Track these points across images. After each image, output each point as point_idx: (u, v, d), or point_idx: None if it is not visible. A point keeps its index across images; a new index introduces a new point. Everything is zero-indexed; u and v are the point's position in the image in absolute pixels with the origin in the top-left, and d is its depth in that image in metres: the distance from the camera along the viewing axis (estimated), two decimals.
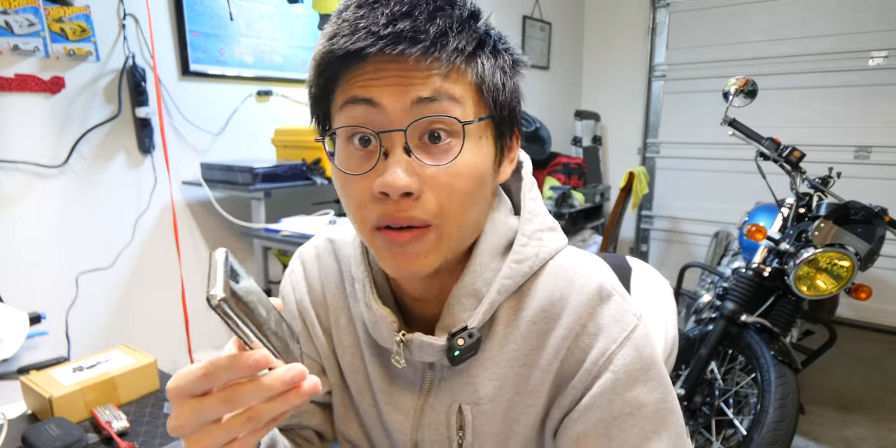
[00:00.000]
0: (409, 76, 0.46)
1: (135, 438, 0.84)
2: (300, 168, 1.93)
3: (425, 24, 0.45)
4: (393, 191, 0.46)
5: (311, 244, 0.69)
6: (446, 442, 0.58)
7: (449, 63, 0.46)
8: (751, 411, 1.70)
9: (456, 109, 0.47)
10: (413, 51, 0.45)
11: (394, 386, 0.60)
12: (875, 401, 2.42)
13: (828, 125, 3.27)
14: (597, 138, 3.99)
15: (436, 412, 0.58)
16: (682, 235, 3.95)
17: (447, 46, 0.46)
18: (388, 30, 0.45)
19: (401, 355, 0.55)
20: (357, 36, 0.45)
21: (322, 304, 0.65)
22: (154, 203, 1.90)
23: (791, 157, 1.83)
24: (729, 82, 1.89)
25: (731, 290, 1.81)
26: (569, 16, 3.88)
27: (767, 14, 3.35)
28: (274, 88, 2.20)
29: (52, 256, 1.69)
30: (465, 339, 0.52)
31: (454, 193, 0.48)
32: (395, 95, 0.46)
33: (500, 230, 0.56)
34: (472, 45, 0.48)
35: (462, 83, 0.48)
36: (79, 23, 1.64)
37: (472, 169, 0.49)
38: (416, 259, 0.49)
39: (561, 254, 0.58)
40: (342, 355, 0.64)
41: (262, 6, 2.10)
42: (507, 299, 0.55)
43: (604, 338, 0.53)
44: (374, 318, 0.56)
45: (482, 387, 0.56)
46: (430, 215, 0.48)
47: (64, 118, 1.67)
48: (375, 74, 0.46)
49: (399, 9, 0.45)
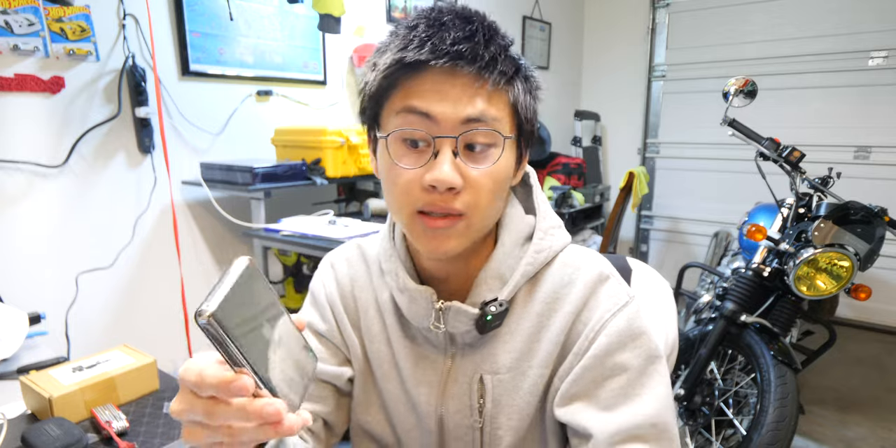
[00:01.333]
0: (460, 95, 0.55)
1: (134, 438, 0.85)
2: (300, 168, 1.93)
3: (482, 49, 0.55)
4: (441, 185, 0.55)
5: (340, 249, 0.79)
6: (468, 410, 0.66)
7: (494, 84, 0.56)
8: (750, 411, 1.70)
9: (496, 125, 0.57)
10: (470, 69, 0.55)
11: (419, 365, 0.68)
12: (875, 401, 2.42)
13: (827, 125, 3.27)
14: (596, 138, 3.99)
15: (459, 383, 0.66)
16: (682, 235, 3.95)
17: (496, 69, 0.56)
18: (454, 48, 0.54)
19: (440, 321, 0.63)
20: (425, 49, 0.54)
21: (351, 298, 0.74)
22: (154, 203, 1.90)
23: (791, 157, 1.83)
24: (729, 82, 1.89)
25: (730, 291, 1.81)
26: (569, 16, 3.88)
27: (767, 14, 3.35)
28: (274, 88, 2.20)
29: (52, 256, 1.69)
30: (497, 307, 0.62)
31: (485, 191, 0.58)
32: (448, 112, 0.55)
33: (520, 225, 0.66)
34: (512, 71, 0.58)
35: (501, 103, 0.58)
36: (78, 23, 1.64)
37: (501, 172, 0.59)
38: (448, 241, 0.59)
39: (567, 248, 0.68)
40: (370, 343, 0.72)
41: (262, 6, 2.10)
42: (525, 284, 0.65)
43: (600, 309, 0.62)
44: (410, 298, 0.64)
45: (501, 358, 0.65)
46: (465, 207, 0.57)
47: (64, 118, 1.67)
48: (433, 87, 0.56)
49: (462, 33, 0.55)
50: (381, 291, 0.71)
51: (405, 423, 0.70)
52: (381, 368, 0.71)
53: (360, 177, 2.12)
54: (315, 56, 2.31)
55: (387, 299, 0.70)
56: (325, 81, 2.37)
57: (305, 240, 1.74)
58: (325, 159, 1.98)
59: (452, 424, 0.67)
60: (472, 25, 0.56)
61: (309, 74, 2.30)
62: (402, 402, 0.70)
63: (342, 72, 2.44)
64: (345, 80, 2.46)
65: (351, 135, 2.01)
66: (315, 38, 2.29)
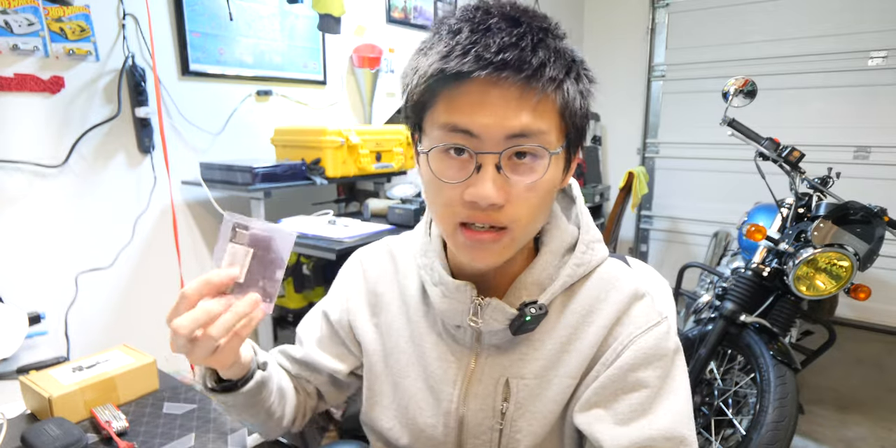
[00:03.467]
0: (505, 107, 0.53)
1: (134, 438, 0.85)
2: (300, 168, 1.93)
3: (530, 56, 0.52)
4: (484, 201, 0.54)
5: (370, 247, 0.81)
6: (490, 411, 0.66)
7: (542, 92, 0.53)
8: (750, 411, 1.70)
9: (537, 140, 0.54)
10: (516, 80, 0.51)
11: (443, 361, 0.69)
12: (875, 401, 2.42)
13: (827, 125, 3.27)
14: (596, 138, 3.99)
15: (483, 384, 0.67)
16: (682, 235, 3.95)
17: (544, 77, 0.52)
18: (498, 57, 0.51)
19: (478, 315, 0.63)
20: (468, 58, 0.51)
21: (374, 294, 0.76)
22: (154, 203, 1.90)
23: (790, 157, 1.83)
24: (728, 82, 1.89)
25: (730, 290, 1.81)
26: (569, 16, 3.88)
27: (767, 14, 3.35)
28: (274, 88, 2.20)
29: (52, 256, 1.69)
30: (536, 310, 0.62)
31: (530, 204, 0.57)
32: (492, 127, 0.53)
33: (564, 235, 0.66)
34: (562, 74, 0.54)
35: (549, 113, 0.55)
36: (78, 22, 1.64)
37: (549, 184, 0.57)
38: (492, 255, 0.59)
39: (606, 262, 0.69)
40: (388, 338, 0.73)
41: (262, 6, 2.10)
42: (560, 294, 0.65)
43: (632, 326, 0.63)
44: (445, 292, 0.65)
45: (530, 364, 0.65)
46: (509, 221, 0.56)
47: (63, 118, 1.67)
48: (477, 99, 0.53)
49: (508, 39, 0.52)
50: (408, 287, 0.73)
51: (420, 420, 0.70)
52: (399, 363, 0.72)
53: (360, 177, 2.12)
54: (315, 56, 2.31)
55: (414, 295, 0.72)
56: (324, 81, 2.37)
57: (305, 240, 1.74)
58: (324, 159, 1.98)
59: (473, 423, 0.68)
60: (519, 28, 0.53)
61: (309, 74, 2.30)
62: (423, 398, 0.70)
63: (342, 72, 2.44)
64: (345, 80, 2.46)
65: (350, 135, 2.01)
66: (315, 38, 2.29)
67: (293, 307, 2.07)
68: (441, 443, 0.70)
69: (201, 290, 0.55)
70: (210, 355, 0.55)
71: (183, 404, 0.94)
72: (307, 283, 2.09)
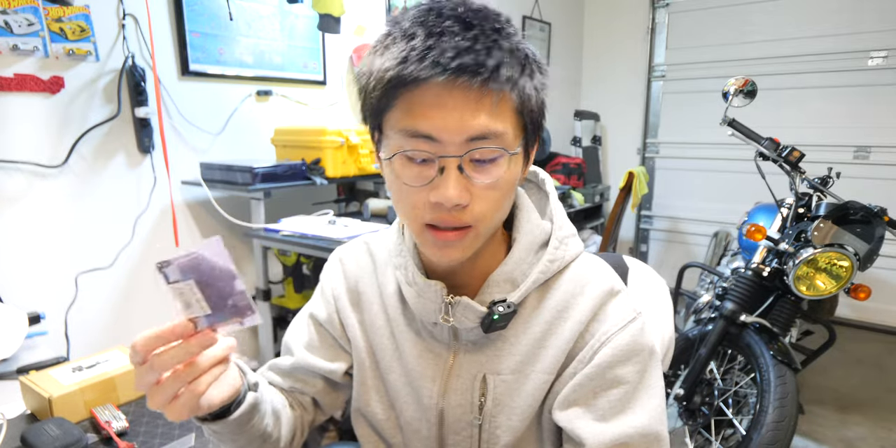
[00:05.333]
0: (462, 110, 0.53)
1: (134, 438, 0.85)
2: (300, 168, 1.93)
3: (485, 58, 0.52)
4: (448, 203, 0.55)
5: (348, 244, 0.81)
6: (469, 406, 0.67)
7: (499, 93, 0.54)
8: (750, 411, 1.70)
9: (496, 142, 0.55)
10: (473, 83, 0.52)
11: (422, 358, 0.69)
12: (875, 401, 2.42)
13: (827, 125, 3.27)
14: (596, 138, 3.99)
15: (461, 379, 0.67)
16: (682, 235, 3.95)
17: (500, 78, 0.53)
18: (455, 62, 0.51)
19: (449, 314, 0.64)
20: (425, 64, 0.52)
21: (356, 292, 0.76)
22: (153, 203, 1.90)
23: (790, 157, 1.83)
24: (728, 82, 1.89)
25: (730, 290, 1.81)
26: (568, 16, 3.88)
27: (767, 14, 3.35)
28: (274, 88, 2.20)
29: (52, 256, 1.69)
30: (504, 308, 0.62)
31: (494, 201, 0.58)
32: (450, 133, 0.54)
33: (536, 231, 0.66)
34: (517, 72, 0.55)
35: (506, 113, 0.56)
36: (78, 22, 1.64)
37: (510, 180, 0.59)
38: (457, 252, 0.60)
39: (580, 258, 0.69)
40: (373, 336, 0.73)
41: (261, 6, 2.10)
42: (535, 290, 0.66)
43: (608, 323, 0.63)
44: (419, 291, 0.65)
45: (506, 360, 0.66)
46: (473, 219, 0.58)
47: (63, 118, 1.67)
48: (435, 102, 0.53)
49: (463, 43, 0.52)
50: (387, 286, 0.73)
51: (407, 415, 0.72)
52: (385, 360, 0.73)
53: (360, 177, 2.12)
54: (315, 56, 2.31)
55: (392, 293, 0.72)
56: (324, 81, 2.37)
57: (305, 240, 1.74)
58: (324, 159, 1.98)
59: (452, 419, 0.69)
60: (473, 31, 0.53)
61: (309, 74, 2.30)
62: (406, 393, 0.71)
63: (342, 72, 2.44)
64: (344, 80, 2.46)
65: (350, 135, 2.01)
66: (315, 38, 2.29)
67: (293, 307, 2.07)
68: (425, 437, 0.71)
69: (149, 345, 0.49)
70: (195, 401, 0.51)
71: None
72: (307, 283, 2.09)
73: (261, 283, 2.00)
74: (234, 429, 0.61)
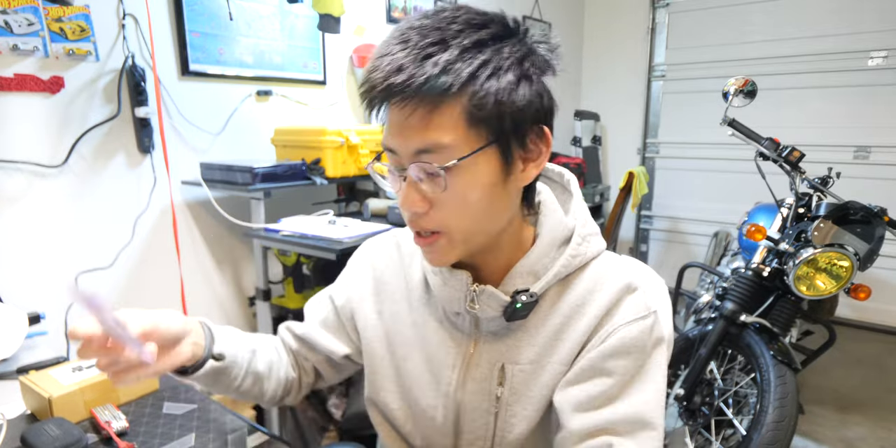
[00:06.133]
0: (403, 128, 0.57)
1: (134, 438, 0.85)
2: (300, 168, 1.93)
3: (415, 75, 0.53)
4: (406, 210, 0.61)
5: (378, 237, 0.85)
6: (486, 395, 0.70)
7: (434, 105, 0.55)
8: (750, 411, 1.70)
9: (443, 153, 0.56)
10: (403, 103, 0.55)
11: (443, 346, 0.72)
12: (875, 401, 2.42)
13: (827, 125, 3.27)
14: (596, 138, 3.99)
15: (481, 368, 0.70)
16: (682, 235, 3.95)
17: (432, 90, 0.54)
18: (384, 84, 0.54)
19: (475, 301, 0.66)
20: (365, 87, 0.57)
21: (381, 282, 0.80)
22: (153, 203, 1.89)
23: (790, 157, 1.83)
24: (728, 82, 1.89)
25: (730, 290, 1.81)
26: (569, 16, 3.88)
27: (767, 14, 3.35)
28: (274, 88, 2.19)
29: (52, 256, 1.69)
30: (527, 298, 0.64)
31: (455, 209, 0.60)
32: (401, 147, 0.58)
33: (559, 228, 0.68)
34: (462, 79, 0.54)
35: (449, 123, 0.56)
36: (78, 22, 1.64)
37: (467, 190, 0.59)
38: (436, 255, 0.64)
39: (602, 255, 0.71)
40: (392, 324, 0.77)
41: (261, 6, 2.10)
42: (556, 284, 0.68)
43: (620, 317, 0.65)
44: (445, 280, 0.68)
45: (524, 350, 0.68)
46: (436, 226, 0.61)
47: (63, 118, 1.66)
48: (392, 119, 0.58)
49: (391, 65, 0.54)
50: (412, 276, 0.77)
51: (423, 403, 0.74)
52: (403, 349, 0.75)
53: (360, 177, 2.12)
54: (315, 56, 2.31)
55: (417, 283, 0.75)
56: (324, 81, 2.37)
57: (305, 240, 1.74)
58: (324, 159, 1.98)
59: (470, 407, 0.71)
60: (407, 46, 0.54)
61: (309, 74, 2.30)
62: (424, 381, 0.73)
63: (342, 72, 2.44)
64: (345, 80, 2.46)
65: (350, 135, 2.00)
66: (315, 38, 2.29)
67: (293, 307, 2.06)
68: (441, 425, 0.73)
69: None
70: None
71: (183, 404, 0.94)
72: (307, 282, 2.09)
73: (261, 283, 2.00)
74: (204, 383, 0.72)
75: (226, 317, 2.14)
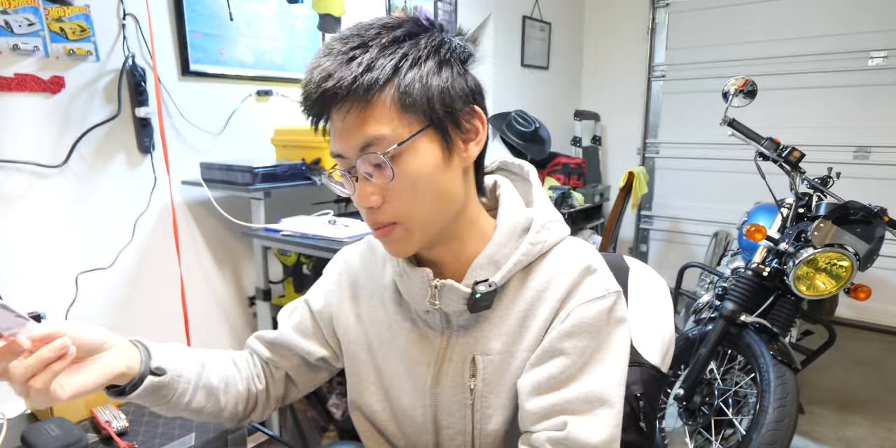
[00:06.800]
0: (343, 129, 0.60)
1: (134, 438, 0.85)
2: (300, 168, 1.93)
3: (344, 77, 0.57)
4: (362, 207, 0.62)
5: (355, 243, 0.86)
6: (460, 388, 0.70)
7: (365, 101, 0.58)
8: (750, 411, 1.70)
9: (384, 144, 0.59)
10: (339, 106, 0.59)
11: (417, 345, 0.73)
12: (875, 401, 2.42)
13: (827, 125, 3.27)
14: (596, 138, 3.99)
15: (453, 363, 0.71)
16: (682, 235, 3.95)
17: (360, 88, 0.57)
18: (318, 92, 0.58)
19: (435, 298, 0.67)
20: (303, 100, 0.61)
21: (358, 287, 0.80)
22: (154, 203, 1.90)
23: (790, 157, 1.83)
24: (728, 82, 1.89)
25: (730, 290, 1.81)
26: (568, 16, 3.88)
27: (767, 14, 3.35)
28: (274, 88, 2.20)
29: (52, 256, 1.69)
30: (486, 287, 0.66)
31: (408, 197, 0.62)
32: (346, 149, 0.61)
33: (518, 217, 0.69)
34: (386, 73, 0.58)
35: (385, 115, 0.59)
36: (78, 22, 1.64)
37: (416, 175, 0.61)
38: (396, 246, 0.65)
39: (565, 241, 0.72)
40: (371, 327, 0.77)
41: (262, 6, 2.10)
42: (518, 273, 0.69)
43: (578, 298, 0.66)
44: (409, 280, 0.69)
45: (492, 341, 0.69)
46: (391, 217, 0.63)
47: (64, 118, 1.67)
48: (335, 125, 0.62)
49: (321, 74, 0.58)
50: (385, 279, 0.78)
51: (403, 402, 0.75)
52: (382, 351, 0.76)
53: None
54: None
55: (389, 286, 0.76)
56: None
57: (305, 240, 1.74)
58: (324, 159, 1.98)
59: (445, 401, 0.72)
60: (330, 54, 0.59)
61: None
62: (402, 381, 0.74)
63: None
64: None
65: None
66: (315, 38, 2.29)
67: None
68: (421, 423, 0.74)
69: None
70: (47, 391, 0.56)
71: None
72: (307, 282, 2.09)
73: (261, 283, 2.00)
74: (149, 402, 0.68)
75: (226, 317, 2.14)
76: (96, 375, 0.60)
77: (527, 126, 3.00)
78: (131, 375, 0.64)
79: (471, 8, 2.97)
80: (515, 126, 3.00)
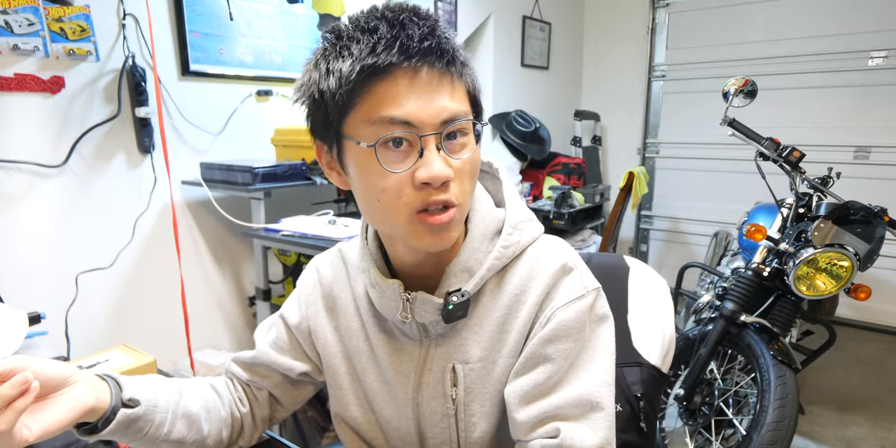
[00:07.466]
0: (432, 94, 0.56)
1: None
2: (300, 168, 1.93)
3: (445, 43, 0.56)
4: (436, 180, 0.56)
5: (325, 253, 0.82)
6: (441, 398, 0.69)
7: (458, 76, 0.58)
8: (750, 411, 1.70)
9: (460, 121, 0.58)
10: (439, 65, 0.56)
11: (396, 356, 0.71)
12: (875, 401, 2.42)
13: (827, 125, 3.27)
14: (596, 138, 3.99)
15: (433, 372, 0.69)
16: (682, 235, 3.95)
17: (457, 62, 0.57)
18: (424, 44, 0.54)
19: (407, 311, 0.65)
20: (395, 50, 0.54)
21: (331, 298, 0.77)
22: (154, 203, 1.90)
23: (791, 157, 1.83)
24: (728, 82, 1.89)
25: (730, 290, 1.81)
26: (569, 16, 3.88)
27: (767, 14, 3.35)
28: (274, 88, 2.20)
29: (52, 256, 1.69)
30: (458, 297, 0.63)
31: (469, 178, 0.60)
32: (424, 115, 0.55)
33: (488, 219, 0.67)
34: (466, 59, 0.60)
35: (463, 95, 0.59)
36: (78, 22, 1.64)
37: (477, 158, 0.62)
38: (449, 233, 0.60)
39: (538, 240, 0.69)
40: (349, 339, 0.75)
41: (262, 6, 2.10)
42: (493, 276, 0.67)
43: (557, 301, 0.64)
44: (381, 292, 0.66)
45: (472, 348, 0.67)
46: (456, 197, 0.59)
47: (64, 118, 1.67)
48: (406, 90, 0.55)
49: (425, 30, 0.55)
50: (358, 290, 0.75)
51: (387, 414, 0.73)
52: (361, 362, 0.74)
53: None
54: None
55: (362, 297, 0.73)
56: None
57: (305, 240, 1.74)
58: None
59: (428, 411, 0.70)
60: (429, 21, 0.57)
61: None
62: (384, 392, 0.73)
63: None
64: None
65: None
66: (315, 39, 2.29)
67: None
68: (406, 434, 0.72)
69: None
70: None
71: None
72: None
73: (261, 283, 2.00)
74: (125, 437, 0.63)
75: (226, 317, 2.14)
76: (64, 412, 0.54)
77: (527, 126, 3.00)
78: (102, 409, 0.59)
79: (471, 8, 2.97)
80: (515, 126, 3.00)
